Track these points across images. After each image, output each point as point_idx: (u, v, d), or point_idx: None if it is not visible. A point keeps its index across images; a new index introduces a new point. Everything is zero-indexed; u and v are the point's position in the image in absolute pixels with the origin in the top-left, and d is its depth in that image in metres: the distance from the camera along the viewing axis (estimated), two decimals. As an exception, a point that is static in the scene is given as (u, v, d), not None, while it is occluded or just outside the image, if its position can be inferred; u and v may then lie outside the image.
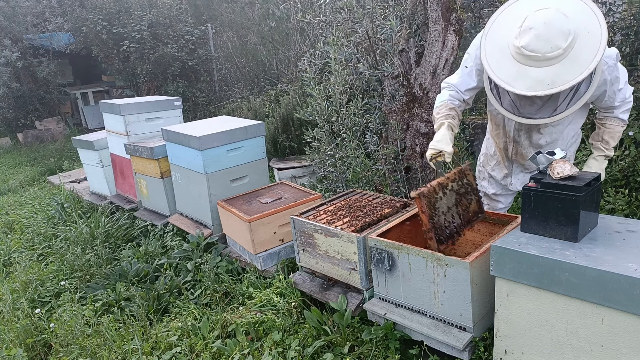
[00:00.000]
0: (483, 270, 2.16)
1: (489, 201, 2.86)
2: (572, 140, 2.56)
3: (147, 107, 5.04)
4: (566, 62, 1.87)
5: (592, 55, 1.86)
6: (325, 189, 4.44)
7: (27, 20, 11.24)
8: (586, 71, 1.85)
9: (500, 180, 2.77)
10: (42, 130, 11.42)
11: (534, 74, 1.91)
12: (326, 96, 4.10)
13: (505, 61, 1.98)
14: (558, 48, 1.86)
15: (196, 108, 9.70)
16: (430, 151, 2.36)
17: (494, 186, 2.81)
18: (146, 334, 3.11)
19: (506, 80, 1.97)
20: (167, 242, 4.35)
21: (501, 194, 2.81)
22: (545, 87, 1.88)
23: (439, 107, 2.48)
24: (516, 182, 2.70)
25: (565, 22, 1.87)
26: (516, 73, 1.95)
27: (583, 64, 1.86)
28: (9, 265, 4.70)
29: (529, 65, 1.92)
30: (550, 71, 1.88)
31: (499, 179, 2.78)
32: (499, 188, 2.81)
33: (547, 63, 1.88)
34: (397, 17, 3.76)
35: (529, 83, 1.92)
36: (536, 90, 1.90)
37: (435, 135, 2.41)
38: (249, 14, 10.58)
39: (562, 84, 1.87)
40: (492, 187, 2.82)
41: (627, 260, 1.69)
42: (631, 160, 3.44)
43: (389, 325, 2.48)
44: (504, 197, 2.83)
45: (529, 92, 1.92)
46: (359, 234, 2.64)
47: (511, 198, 2.86)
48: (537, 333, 1.90)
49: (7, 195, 7.61)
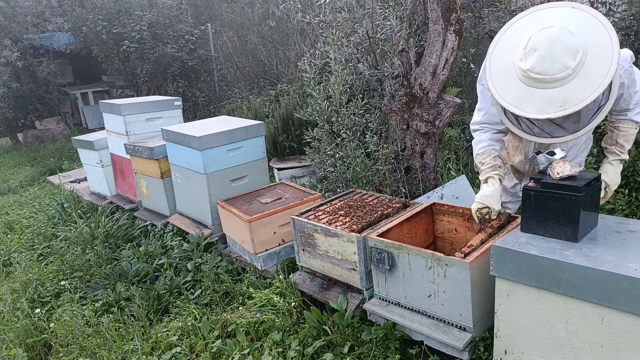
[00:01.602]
0: (483, 270, 2.16)
1: None
2: (584, 145, 2.55)
3: (147, 107, 5.04)
4: (578, 80, 1.74)
5: (605, 69, 1.73)
6: (325, 189, 4.44)
7: (27, 20, 11.24)
8: (600, 88, 1.72)
9: (510, 188, 2.77)
10: (42, 130, 11.42)
11: (544, 95, 1.78)
12: (326, 96, 4.10)
13: (512, 84, 1.86)
14: (567, 68, 1.73)
15: (196, 108, 9.70)
16: (478, 205, 2.27)
17: (504, 195, 2.77)
18: (146, 334, 3.11)
19: (514, 103, 1.85)
20: (167, 242, 4.35)
21: (510, 201, 2.80)
22: (557, 108, 1.75)
23: (482, 156, 2.35)
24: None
25: (572, 39, 1.75)
26: (524, 95, 1.82)
27: (597, 79, 1.72)
28: (9, 265, 4.69)
29: (537, 88, 1.79)
30: (561, 91, 1.75)
31: (508, 187, 2.76)
32: (508, 196, 2.79)
33: (556, 84, 1.75)
34: (397, 17, 3.76)
35: (539, 105, 1.79)
36: (548, 113, 1.77)
37: (483, 188, 2.29)
38: (249, 14, 10.58)
39: (575, 103, 1.73)
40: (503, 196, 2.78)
41: (627, 260, 1.69)
42: (631, 160, 3.44)
43: (389, 325, 2.49)
44: (513, 204, 2.81)
45: (540, 115, 1.79)
46: (359, 234, 2.64)
47: (519, 203, 2.84)
48: (537, 333, 1.90)
49: (7, 195, 7.61)
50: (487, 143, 2.35)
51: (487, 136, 2.36)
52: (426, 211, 2.87)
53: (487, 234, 2.30)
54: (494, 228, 2.36)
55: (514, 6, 5.02)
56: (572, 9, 1.84)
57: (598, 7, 4.25)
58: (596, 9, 4.26)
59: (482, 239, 2.29)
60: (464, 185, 3.52)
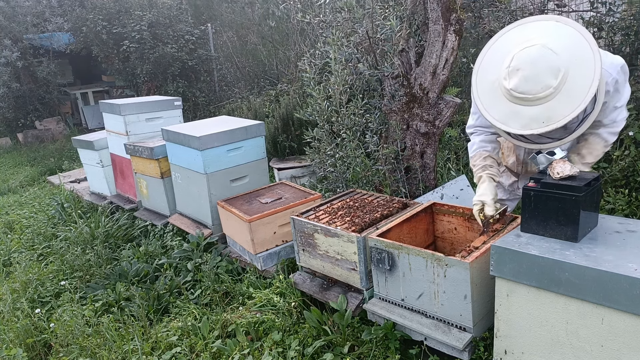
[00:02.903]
0: (483, 271, 2.16)
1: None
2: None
3: (147, 107, 5.04)
4: (560, 97, 1.80)
5: (587, 85, 1.77)
6: (325, 189, 4.44)
7: (27, 20, 11.24)
8: (582, 104, 1.77)
9: (507, 186, 2.78)
10: (42, 130, 11.42)
11: (528, 112, 1.85)
12: (326, 96, 4.10)
13: (498, 100, 1.92)
14: (549, 87, 1.79)
15: (196, 108, 9.70)
16: (475, 207, 2.32)
17: (501, 192, 2.80)
18: (146, 334, 3.11)
19: (501, 119, 1.92)
20: (167, 242, 4.35)
21: (508, 199, 2.81)
22: (541, 124, 1.82)
23: (474, 158, 2.43)
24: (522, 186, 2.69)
25: (554, 59, 1.79)
26: (509, 112, 1.89)
27: (579, 96, 1.77)
28: (9, 265, 4.69)
29: (521, 105, 1.86)
30: (544, 108, 1.81)
31: (505, 185, 2.78)
32: (506, 193, 2.80)
33: (539, 102, 1.82)
34: (397, 17, 3.75)
35: (524, 122, 1.86)
36: (532, 129, 1.84)
37: (477, 189, 2.37)
38: (249, 14, 10.58)
39: (558, 119, 1.80)
40: (499, 193, 2.80)
41: (627, 260, 1.69)
42: (631, 160, 3.44)
43: (389, 325, 2.49)
44: (511, 202, 2.82)
45: (525, 131, 1.87)
46: (359, 234, 2.64)
47: (517, 202, 2.85)
48: (537, 333, 1.90)
49: (7, 195, 7.61)
50: (477, 145, 2.43)
51: (480, 139, 2.44)
52: (426, 211, 2.87)
53: (489, 236, 2.32)
54: (496, 231, 2.37)
55: (514, 6, 5.02)
56: (556, 23, 1.87)
57: (598, 7, 4.25)
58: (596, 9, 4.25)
59: (484, 241, 2.29)
60: (464, 185, 3.53)
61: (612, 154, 3.61)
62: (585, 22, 4.29)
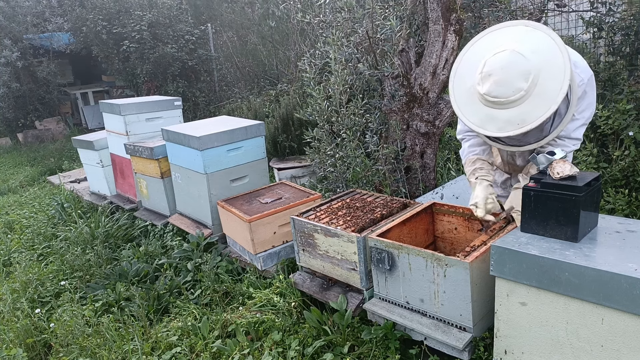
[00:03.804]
0: (483, 271, 2.16)
1: None
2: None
3: (147, 107, 5.04)
4: (532, 100, 1.86)
5: (558, 87, 1.83)
6: (325, 189, 4.44)
7: (27, 20, 11.25)
8: (554, 105, 1.83)
9: (500, 183, 2.80)
10: (42, 130, 11.42)
11: (502, 115, 1.91)
12: (326, 96, 4.10)
13: (474, 105, 2.00)
14: (520, 90, 1.85)
15: (196, 108, 9.70)
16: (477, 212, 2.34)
17: (495, 189, 2.81)
18: (146, 334, 3.11)
19: (478, 124, 2.00)
20: (167, 242, 4.35)
21: (502, 195, 2.82)
22: (516, 126, 1.89)
23: (465, 165, 2.50)
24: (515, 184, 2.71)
25: (523, 63, 1.86)
26: (485, 116, 1.96)
27: (550, 97, 1.84)
28: (9, 265, 4.69)
29: (495, 109, 1.93)
30: (517, 111, 1.88)
31: (499, 182, 2.80)
32: (500, 190, 2.82)
33: (512, 105, 1.88)
34: (397, 17, 3.75)
35: (499, 125, 1.93)
36: (507, 131, 1.91)
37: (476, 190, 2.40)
38: (249, 14, 10.58)
39: (531, 121, 1.86)
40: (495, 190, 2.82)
41: (627, 260, 1.69)
42: (631, 160, 3.44)
43: (389, 325, 2.49)
44: (506, 199, 2.83)
45: (501, 134, 1.94)
46: (359, 234, 2.64)
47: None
48: (537, 333, 1.91)
49: (7, 195, 7.61)
50: (467, 151, 2.49)
51: (468, 144, 2.49)
52: (426, 211, 2.87)
53: (489, 235, 2.32)
54: (495, 230, 2.37)
55: (514, 6, 5.02)
56: (525, 27, 1.95)
57: (598, 7, 4.25)
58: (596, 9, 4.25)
59: (483, 240, 2.29)
60: (464, 185, 3.52)
61: (612, 154, 3.62)
62: (585, 22, 4.29)
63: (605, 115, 3.54)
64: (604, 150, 3.76)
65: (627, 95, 3.69)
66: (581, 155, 3.63)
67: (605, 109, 3.58)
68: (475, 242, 2.28)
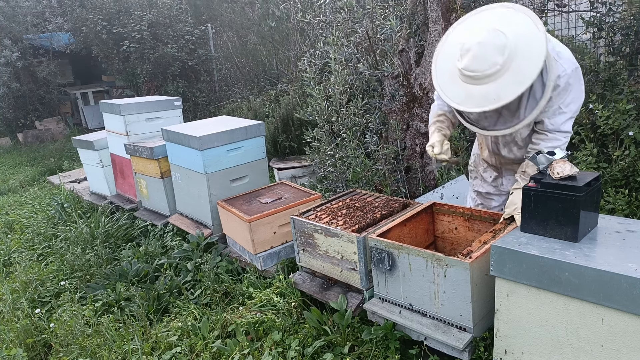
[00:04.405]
0: (483, 271, 2.16)
1: (483, 200, 2.88)
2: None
3: (147, 107, 5.04)
4: (508, 76, 1.90)
5: (533, 64, 1.87)
6: (325, 189, 4.44)
7: (27, 20, 11.25)
8: (528, 80, 1.87)
9: (491, 182, 2.80)
10: (42, 130, 11.42)
11: (479, 91, 1.96)
12: (326, 96, 4.10)
13: (454, 83, 2.06)
14: (495, 64, 1.90)
15: (196, 108, 9.70)
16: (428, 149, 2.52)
17: (486, 186, 2.84)
18: (146, 334, 3.11)
19: (457, 100, 2.05)
20: (167, 242, 4.35)
21: (494, 193, 2.84)
22: (492, 101, 1.93)
23: (430, 116, 2.64)
24: (506, 184, 2.74)
25: (500, 38, 1.92)
26: (464, 93, 2.02)
27: (526, 74, 1.88)
28: (9, 265, 4.69)
29: (473, 85, 1.98)
30: (493, 86, 1.92)
31: (489, 180, 2.81)
32: (490, 188, 2.84)
33: (488, 80, 1.93)
34: (397, 17, 3.76)
35: (476, 101, 1.97)
36: (484, 106, 1.95)
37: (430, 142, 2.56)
38: (249, 14, 10.58)
39: (506, 97, 1.90)
40: (484, 187, 2.85)
41: (627, 260, 1.69)
42: (631, 160, 3.44)
43: (389, 325, 2.49)
44: (497, 197, 2.85)
45: (477, 109, 1.98)
46: (359, 234, 2.64)
47: (505, 197, 2.86)
48: (537, 333, 1.90)
49: (7, 195, 7.61)
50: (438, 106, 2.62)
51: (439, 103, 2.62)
52: (426, 211, 2.87)
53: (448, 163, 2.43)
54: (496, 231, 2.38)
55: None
56: (506, 9, 2.02)
57: (598, 7, 4.24)
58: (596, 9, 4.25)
59: (483, 241, 2.29)
60: (464, 185, 3.53)
61: (612, 154, 3.61)
62: (585, 22, 4.29)
63: (605, 115, 3.53)
64: (604, 150, 3.76)
65: (627, 95, 3.68)
66: (581, 155, 3.63)
67: (605, 109, 3.58)
68: (474, 245, 2.27)
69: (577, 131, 3.86)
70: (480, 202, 2.88)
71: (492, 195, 2.83)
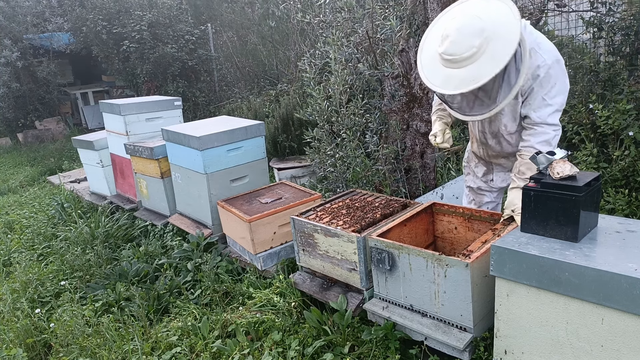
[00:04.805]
0: (483, 271, 2.16)
1: (475, 195, 2.92)
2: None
3: (147, 107, 5.04)
4: (485, 58, 2.00)
5: (508, 46, 1.98)
6: (325, 189, 4.44)
7: (27, 20, 11.25)
8: (503, 61, 1.97)
9: (481, 177, 2.84)
10: (42, 130, 11.42)
11: (458, 74, 2.06)
12: (326, 96, 4.10)
13: (437, 69, 2.16)
14: (472, 47, 2.00)
15: (196, 108, 9.70)
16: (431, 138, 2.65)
17: (477, 182, 2.87)
18: (146, 334, 3.11)
19: (438, 84, 2.15)
20: (167, 242, 4.35)
21: (485, 189, 2.87)
22: (471, 83, 2.03)
23: (433, 105, 2.76)
24: (496, 180, 2.78)
25: (477, 22, 2.03)
26: (444, 76, 2.12)
27: (501, 55, 1.98)
28: (9, 265, 4.69)
29: (452, 68, 2.08)
30: (471, 69, 2.03)
31: (479, 175, 2.85)
32: (481, 183, 2.87)
33: (466, 62, 2.03)
34: (397, 17, 3.76)
35: (455, 83, 2.07)
36: (462, 88, 2.05)
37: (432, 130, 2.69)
38: (249, 14, 10.58)
39: (483, 77, 1.99)
40: (475, 182, 2.88)
41: (627, 260, 1.69)
42: (631, 160, 3.44)
43: (389, 326, 2.48)
44: (489, 192, 2.88)
45: (456, 91, 2.08)
46: (359, 234, 2.64)
47: (496, 193, 2.89)
48: (537, 333, 1.90)
49: (7, 195, 7.61)
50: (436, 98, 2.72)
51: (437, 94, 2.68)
52: (426, 211, 2.87)
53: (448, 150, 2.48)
54: (497, 230, 2.38)
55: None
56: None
57: (598, 7, 4.24)
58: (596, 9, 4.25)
59: (483, 241, 2.29)
60: (463, 185, 3.53)
61: (612, 154, 3.61)
62: (585, 22, 4.29)
63: (605, 115, 3.54)
64: (604, 150, 3.76)
65: (627, 95, 3.68)
66: (581, 155, 3.63)
67: (605, 109, 3.58)
68: (474, 245, 2.27)
69: (577, 131, 3.86)
70: (472, 197, 2.93)
71: (484, 190, 2.87)
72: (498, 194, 2.89)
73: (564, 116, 4.09)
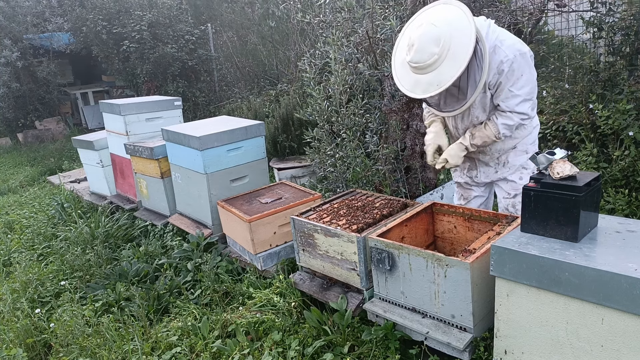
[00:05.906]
0: (483, 271, 2.16)
1: (463, 191, 2.94)
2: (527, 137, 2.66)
3: (147, 107, 5.04)
4: (446, 63, 2.18)
5: (466, 51, 2.14)
6: (325, 189, 4.44)
7: (27, 20, 11.24)
8: (462, 65, 2.14)
9: (467, 173, 2.86)
10: (42, 130, 11.42)
11: (425, 79, 2.26)
12: (326, 96, 4.10)
13: (406, 74, 2.36)
14: (433, 55, 2.19)
15: (196, 108, 9.70)
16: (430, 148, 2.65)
17: (463, 177, 2.90)
18: (146, 334, 3.11)
19: (409, 88, 2.35)
20: (167, 242, 4.35)
21: (471, 184, 2.89)
22: (436, 87, 2.23)
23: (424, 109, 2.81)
24: (480, 175, 2.80)
25: (435, 31, 2.19)
26: (413, 81, 2.32)
27: (460, 60, 2.16)
28: (9, 265, 4.69)
29: (419, 74, 2.27)
30: (435, 74, 2.22)
31: (465, 171, 2.88)
32: (467, 178, 2.89)
33: (431, 69, 2.22)
34: (397, 17, 3.75)
35: (423, 87, 2.28)
36: (430, 92, 2.25)
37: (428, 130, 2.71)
38: (249, 14, 10.58)
39: (446, 82, 2.19)
40: (462, 177, 2.91)
41: (627, 260, 1.69)
42: (631, 160, 3.44)
43: (389, 326, 2.49)
44: (476, 187, 2.90)
45: (425, 95, 2.28)
46: (359, 234, 2.64)
47: (483, 188, 2.90)
48: (537, 333, 1.90)
49: (7, 195, 7.61)
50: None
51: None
52: (426, 211, 2.87)
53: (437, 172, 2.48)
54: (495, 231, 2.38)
55: (514, 6, 5.02)
56: (444, 5, 2.29)
57: (598, 7, 4.24)
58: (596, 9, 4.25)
59: (483, 241, 2.29)
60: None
61: (612, 154, 3.61)
62: (585, 22, 4.29)
63: (605, 115, 3.54)
64: (604, 150, 3.76)
65: (627, 95, 3.68)
66: (581, 155, 3.63)
67: (605, 109, 3.58)
68: (474, 245, 2.27)
69: (577, 131, 3.86)
70: (461, 193, 2.96)
71: (471, 185, 2.89)
72: (485, 189, 2.91)
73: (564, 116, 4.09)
